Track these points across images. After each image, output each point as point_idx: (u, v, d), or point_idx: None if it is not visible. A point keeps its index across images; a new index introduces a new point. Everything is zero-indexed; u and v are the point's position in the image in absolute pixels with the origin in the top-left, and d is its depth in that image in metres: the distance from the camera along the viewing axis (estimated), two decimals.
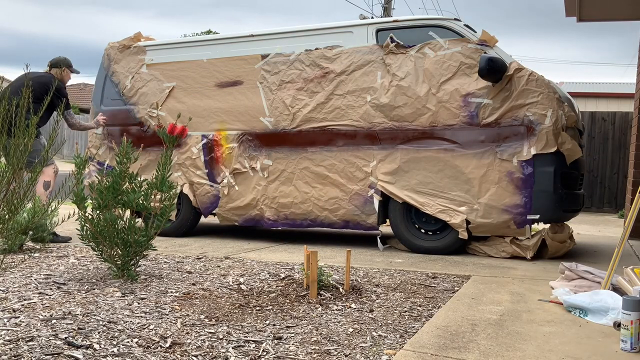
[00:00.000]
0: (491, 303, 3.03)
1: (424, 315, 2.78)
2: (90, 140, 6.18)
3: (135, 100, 5.90)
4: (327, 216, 5.09)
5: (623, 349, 2.26)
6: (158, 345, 2.22)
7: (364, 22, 5.16)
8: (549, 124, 4.42)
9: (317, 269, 3.07)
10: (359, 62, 4.99)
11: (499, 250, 4.66)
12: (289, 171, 5.22)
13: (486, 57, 4.37)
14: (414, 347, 2.24)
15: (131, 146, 3.51)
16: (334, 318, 2.69)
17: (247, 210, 5.39)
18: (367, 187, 4.93)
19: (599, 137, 10.37)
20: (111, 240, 3.39)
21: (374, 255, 4.64)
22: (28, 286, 3.13)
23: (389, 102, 4.84)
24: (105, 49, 6.16)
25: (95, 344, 2.19)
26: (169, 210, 3.53)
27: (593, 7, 6.67)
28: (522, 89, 4.48)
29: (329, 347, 2.27)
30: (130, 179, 3.46)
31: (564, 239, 4.69)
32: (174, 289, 3.20)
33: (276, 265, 4.07)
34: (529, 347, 2.29)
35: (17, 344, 2.16)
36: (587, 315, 2.74)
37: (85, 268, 3.76)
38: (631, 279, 2.93)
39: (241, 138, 5.42)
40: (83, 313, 2.60)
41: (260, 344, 2.27)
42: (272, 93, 5.31)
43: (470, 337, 2.40)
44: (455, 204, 4.64)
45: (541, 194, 4.45)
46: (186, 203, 5.66)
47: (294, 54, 5.25)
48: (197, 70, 5.65)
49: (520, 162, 4.48)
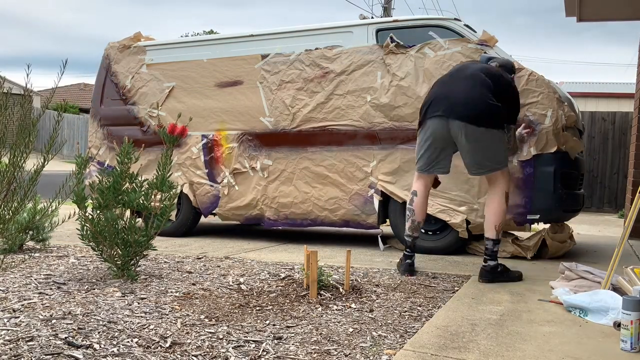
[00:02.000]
0: (491, 303, 3.03)
1: (424, 315, 2.78)
2: (90, 140, 6.19)
3: (135, 100, 5.91)
4: (327, 216, 5.09)
5: (623, 349, 2.26)
6: (158, 345, 2.22)
7: (364, 22, 5.16)
8: (549, 124, 4.42)
9: (317, 269, 3.08)
10: (359, 62, 4.99)
11: (499, 250, 4.65)
12: (289, 171, 5.22)
13: (486, 57, 4.36)
14: (414, 347, 2.24)
15: (132, 146, 3.51)
16: (334, 318, 2.69)
17: (247, 210, 5.39)
18: (367, 187, 4.94)
19: (599, 137, 10.37)
20: (111, 240, 3.39)
21: (374, 255, 4.64)
22: (28, 286, 3.13)
23: (389, 102, 4.84)
24: (105, 49, 6.16)
25: (95, 344, 2.19)
26: (169, 210, 3.54)
27: (593, 7, 6.67)
28: (522, 88, 4.47)
29: (329, 347, 2.27)
30: (131, 178, 3.46)
31: (564, 239, 4.69)
32: (174, 289, 3.20)
33: (276, 265, 4.07)
34: (529, 347, 2.29)
35: (17, 344, 2.16)
36: (587, 315, 2.74)
37: (85, 268, 3.76)
38: (631, 279, 2.93)
39: (241, 138, 5.42)
40: (83, 313, 2.60)
41: (260, 344, 2.27)
42: (272, 93, 5.31)
43: (470, 337, 2.40)
44: (455, 203, 4.64)
45: (541, 194, 4.46)
46: (186, 203, 5.67)
47: (294, 54, 5.25)
48: (197, 70, 5.65)
49: (520, 162, 4.48)
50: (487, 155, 3.59)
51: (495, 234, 3.63)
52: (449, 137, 3.64)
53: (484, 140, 3.55)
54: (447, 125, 3.60)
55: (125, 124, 5.92)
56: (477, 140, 3.54)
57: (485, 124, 3.51)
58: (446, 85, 3.72)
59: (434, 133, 3.66)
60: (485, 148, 3.57)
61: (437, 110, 3.64)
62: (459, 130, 3.54)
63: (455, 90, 3.62)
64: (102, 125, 6.08)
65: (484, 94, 3.55)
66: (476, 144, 3.55)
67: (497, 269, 3.62)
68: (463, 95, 3.57)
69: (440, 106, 3.63)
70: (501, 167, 3.64)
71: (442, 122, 3.61)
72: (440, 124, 3.62)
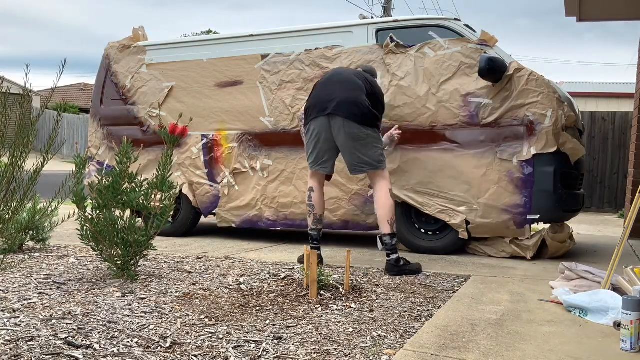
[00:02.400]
0: (491, 303, 3.03)
1: (424, 315, 2.78)
2: (90, 140, 6.18)
3: (135, 100, 5.91)
4: (326, 216, 5.08)
5: (623, 349, 2.26)
6: (158, 345, 2.22)
7: (364, 22, 5.16)
8: (549, 124, 4.42)
9: (317, 269, 3.08)
10: (359, 62, 4.99)
11: (499, 250, 4.66)
12: (289, 171, 5.22)
13: (486, 57, 4.37)
14: (414, 347, 2.24)
15: (131, 146, 3.51)
16: (334, 318, 2.69)
17: (246, 210, 5.39)
18: (367, 187, 4.93)
19: (599, 137, 10.37)
20: (111, 240, 3.39)
21: (374, 255, 4.64)
22: (28, 286, 3.13)
23: (388, 101, 4.83)
24: (105, 49, 6.16)
25: (95, 344, 2.19)
26: (169, 210, 3.54)
27: (593, 7, 6.67)
28: (522, 89, 4.48)
29: (329, 347, 2.27)
30: (130, 178, 3.46)
31: (564, 239, 4.69)
32: (174, 289, 3.20)
33: (276, 265, 4.07)
34: (529, 347, 2.29)
35: (17, 344, 2.16)
36: (587, 315, 2.74)
37: (85, 268, 3.76)
38: (631, 279, 2.93)
39: (241, 138, 5.42)
40: (83, 313, 2.60)
41: (260, 344, 2.27)
42: (272, 93, 5.31)
43: (470, 337, 2.40)
44: (455, 204, 4.64)
45: (541, 194, 4.45)
46: (186, 203, 5.66)
47: (294, 54, 5.24)
48: (197, 70, 5.65)
49: (520, 162, 4.48)
50: (366, 154, 3.85)
51: (389, 227, 3.85)
52: (330, 137, 3.90)
53: (363, 139, 3.82)
54: (329, 123, 3.86)
55: (125, 124, 5.92)
56: (355, 138, 3.81)
57: (364, 122, 3.80)
58: (326, 87, 3.97)
59: (319, 133, 3.93)
60: (363, 146, 3.84)
61: (321, 110, 3.89)
62: (341, 126, 3.80)
63: (336, 92, 3.89)
64: (102, 125, 6.08)
65: (361, 95, 3.86)
66: (355, 142, 3.84)
67: (400, 262, 3.81)
68: (345, 95, 3.84)
69: (323, 105, 3.88)
70: (381, 167, 3.90)
71: (325, 121, 3.87)
72: (323, 123, 3.89)
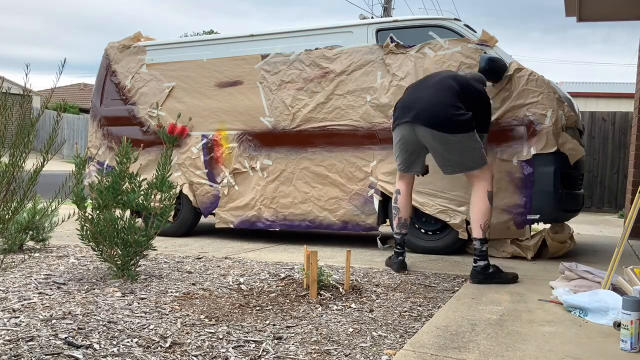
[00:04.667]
0: (491, 303, 3.03)
1: (424, 315, 2.78)
2: (90, 140, 6.18)
3: (135, 100, 5.91)
4: (326, 216, 5.08)
5: (623, 349, 2.26)
6: (158, 345, 2.22)
7: (364, 22, 5.16)
8: (549, 124, 4.42)
9: (317, 269, 3.07)
10: (359, 62, 4.99)
11: (499, 250, 4.66)
12: (288, 171, 5.22)
13: (486, 57, 4.37)
14: (414, 347, 2.24)
15: (130, 146, 3.51)
16: (334, 318, 2.69)
17: (245, 210, 5.39)
18: (367, 187, 4.93)
19: (599, 137, 10.37)
20: (111, 240, 3.39)
21: (374, 255, 4.64)
22: (28, 286, 3.13)
23: (389, 102, 4.84)
24: (105, 48, 6.17)
25: (95, 344, 2.19)
26: (169, 210, 3.53)
27: (593, 7, 6.67)
28: (522, 89, 4.48)
29: (329, 347, 2.27)
30: (130, 178, 3.46)
31: (564, 239, 4.69)
32: (174, 289, 3.20)
33: (276, 265, 4.07)
34: (529, 347, 2.29)
35: (17, 344, 2.16)
36: (587, 315, 2.74)
37: (85, 268, 3.76)
38: (631, 279, 2.93)
39: (241, 138, 5.42)
40: (83, 313, 2.60)
41: (260, 344, 2.27)
42: (272, 93, 5.31)
43: (470, 337, 2.40)
44: (455, 204, 4.64)
45: (541, 194, 4.45)
46: (186, 203, 5.66)
47: (294, 54, 5.24)
48: (197, 70, 5.65)
49: (520, 162, 4.48)
50: (455, 157, 3.71)
51: (481, 233, 3.67)
52: (418, 141, 3.81)
53: (451, 143, 3.66)
54: (414, 130, 3.75)
55: (125, 124, 5.92)
56: (444, 143, 3.67)
57: (449, 130, 3.61)
58: (414, 91, 3.88)
59: (404, 137, 3.85)
60: (451, 150, 3.69)
61: (404, 117, 3.80)
62: (426, 134, 3.70)
63: (421, 97, 3.76)
64: (102, 125, 6.08)
65: (447, 100, 3.65)
66: (443, 146, 3.68)
67: (488, 269, 3.62)
68: (427, 101, 3.71)
69: (407, 113, 3.78)
70: (476, 167, 3.72)
71: (410, 128, 3.77)
72: (408, 129, 3.80)
